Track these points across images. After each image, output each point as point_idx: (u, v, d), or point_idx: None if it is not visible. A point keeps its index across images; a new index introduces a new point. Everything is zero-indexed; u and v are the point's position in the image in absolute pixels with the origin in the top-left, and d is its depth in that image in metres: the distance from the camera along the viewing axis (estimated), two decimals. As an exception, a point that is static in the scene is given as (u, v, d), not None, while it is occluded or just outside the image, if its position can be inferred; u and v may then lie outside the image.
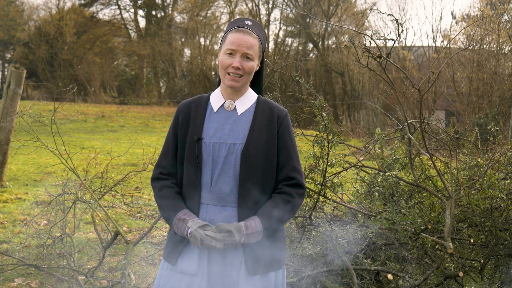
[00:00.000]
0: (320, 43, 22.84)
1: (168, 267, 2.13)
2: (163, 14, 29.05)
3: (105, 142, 11.26)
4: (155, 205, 6.16)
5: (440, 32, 20.37)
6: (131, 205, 4.72)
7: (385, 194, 3.77)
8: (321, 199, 3.58)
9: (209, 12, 27.72)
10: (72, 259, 3.94)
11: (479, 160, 3.87)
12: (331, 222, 3.43)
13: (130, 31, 30.55)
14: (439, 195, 3.49)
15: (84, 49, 28.14)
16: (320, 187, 3.43)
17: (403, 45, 17.71)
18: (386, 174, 3.67)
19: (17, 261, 3.89)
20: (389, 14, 3.54)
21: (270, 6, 25.18)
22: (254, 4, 25.15)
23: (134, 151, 9.07)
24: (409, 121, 3.56)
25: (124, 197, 4.31)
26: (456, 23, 15.93)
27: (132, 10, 30.32)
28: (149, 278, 4.08)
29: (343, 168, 3.68)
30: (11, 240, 4.84)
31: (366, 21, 22.22)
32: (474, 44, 11.78)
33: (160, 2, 29.04)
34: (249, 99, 2.16)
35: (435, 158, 3.83)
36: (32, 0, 38.92)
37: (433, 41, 16.99)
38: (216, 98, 2.17)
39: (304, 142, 3.75)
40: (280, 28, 25.91)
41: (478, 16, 13.42)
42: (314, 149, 3.49)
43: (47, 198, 5.28)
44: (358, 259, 3.39)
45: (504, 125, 9.70)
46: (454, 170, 3.85)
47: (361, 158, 3.89)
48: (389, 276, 3.24)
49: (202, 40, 26.71)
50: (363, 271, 3.39)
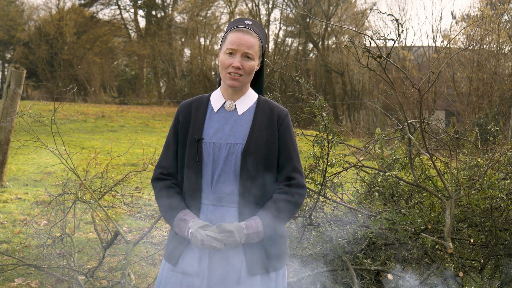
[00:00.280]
0: (320, 43, 22.84)
1: (169, 268, 2.12)
2: (163, 14, 29.05)
3: (105, 142, 11.26)
4: (155, 205, 6.15)
5: (440, 32, 20.37)
6: (131, 205, 4.72)
7: (385, 194, 3.77)
8: (321, 199, 3.58)
9: (209, 12, 27.73)
10: (72, 259, 3.94)
11: (479, 160, 3.87)
12: (331, 222, 3.43)
13: (130, 31, 30.55)
14: (439, 195, 3.49)
15: (84, 49, 28.14)
16: (320, 187, 3.43)
17: (403, 45, 17.71)
18: (386, 174, 3.67)
19: (17, 261, 3.89)
20: (389, 14, 3.54)
21: (270, 6, 25.19)
22: (254, 4, 25.15)
23: (134, 151, 9.06)
24: (409, 121, 3.56)
25: (124, 197, 4.31)
26: (456, 23, 15.93)
27: (132, 10, 30.33)
28: (149, 278, 4.08)
29: (343, 168, 3.68)
30: (11, 240, 4.84)
31: (366, 21, 22.23)
32: (474, 44, 11.78)
33: (160, 2, 29.04)
34: (249, 99, 2.16)
35: (435, 158, 3.83)
36: (32, 0, 38.92)
37: (433, 41, 17.00)
38: (216, 98, 2.17)
39: (304, 142, 3.75)
40: (280, 28, 25.92)
41: (478, 16, 13.42)
42: (314, 149, 3.49)
43: (47, 198, 5.28)
44: (358, 259, 3.39)
45: (504, 125, 9.71)
46: (454, 170, 3.85)
47: (361, 158, 3.89)
48: (389, 276, 3.24)
49: (202, 40, 26.73)
50: (363, 271, 3.39)
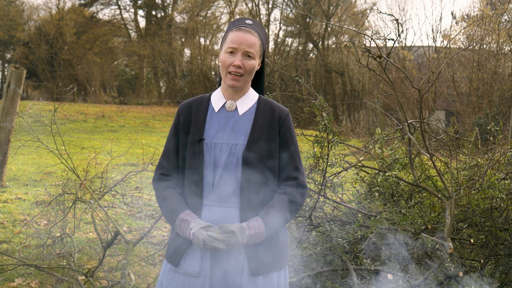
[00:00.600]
0: (320, 43, 22.84)
1: (170, 268, 2.12)
2: (163, 14, 29.05)
3: (105, 142, 11.25)
4: (155, 205, 6.15)
5: (440, 32, 20.38)
6: (131, 205, 4.72)
7: (385, 194, 3.77)
8: (321, 199, 3.58)
9: (209, 12, 27.74)
10: (72, 259, 3.94)
11: (479, 160, 3.87)
12: (331, 222, 3.43)
13: (130, 31, 30.56)
14: (439, 195, 3.49)
15: (84, 49, 28.14)
16: (320, 187, 3.43)
17: (403, 45, 17.71)
18: (386, 174, 3.67)
19: (17, 261, 3.89)
20: (389, 14, 3.54)
21: (270, 6, 25.19)
22: (254, 4, 25.16)
23: (134, 151, 9.06)
24: (409, 121, 3.56)
25: (124, 197, 4.31)
26: (456, 23, 15.94)
27: (132, 10, 30.34)
28: (149, 278, 4.08)
29: (343, 168, 3.68)
30: (11, 240, 4.83)
31: (366, 21, 22.23)
32: (474, 44, 11.78)
33: (160, 2, 29.04)
34: (250, 99, 2.16)
35: (435, 158, 3.83)
36: (32, 0, 38.94)
37: (433, 41, 17.01)
38: (217, 98, 2.16)
39: (304, 142, 3.75)
40: (280, 28, 25.92)
41: (478, 16, 13.42)
42: (314, 149, 3.49)
43: (47, 198, 5.27)
44: (358, 259, 3.39)
45: (504, 125, 9.70)
46: (454, 170, 3.85)
47: (361, 158, 3.89)
48: (389, 276, 3.24)
49: (202, 40, 26.73)
50: (363, 271, 3.39)
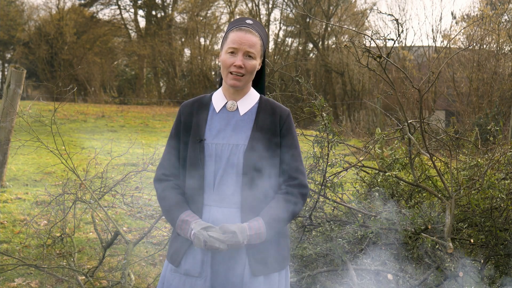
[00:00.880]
0: (320, 43, 22.85)
1: (171, 269, 2.12)
2: (163, 14, 29.05)
3: (105, 142, 11.24)
4: (155, 205, 6.15)
5: (440, 32, 20.38)
6: (131, 205, 4.72)
7: (385, 194, 3.77)
8: (321, 199, 3.58)
9: (209, 12, 27.74)
10: (72, 259, 3.94)
11: (479, 160, 3.87)
12: (331, 222, 3.43)
13: (130, 31, 30.56)
14: (439, 195, 3.49)
15: (84, 49, 28.14)
16: (320, 187, 3.43)
17: (403, 45, 17.72)
18: (386, 174, 3.67)
19: (17, 261, 3.89)
20: (389, 14, 3.54)
21: (270, 6, 25.20)
22: (254, 4, 25.16)
23: (134, 151, 9.05)
24: (409, 121, 3.56)
25: (124, 197, 4.31)
26: (456, 23, 15.94)
27: (132, 10, 30.34)
28: (149, 278, 4.08)
29: (343, 168, 3.68)
30: (11, 240, 4.83)
31: (366, 21, 22.24)
32: (474, 44, 11.78)
33: (160, 2, 29.04)
34: (251, 99, 2.16)
35: (435, 158, 3.83)
36: (32, 0, 38.92)
37: (433, 41, 17.01)
38: (218, 99, 2.16)
39: (304, 142, 3.75)
40: (280, 28, 25.92)
41: (478, 16, 13.42)
42: (314, 149, 3.49)
43: (47, 198, 5.27)
44: (358, 259, 3.39)
45: (504, 125, 9.70)
46: (454, 170, 3.85)
47: (361, 158, 3.89)
48: (389, 276, 3.24)
49: (202, 40, 26.74)
50: (363, 271, 3.39)
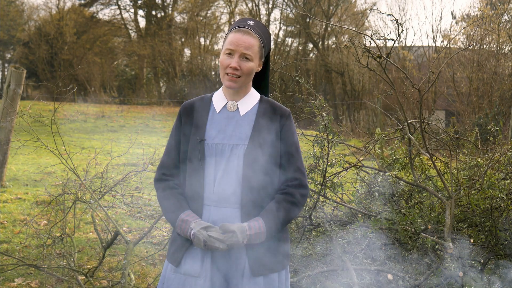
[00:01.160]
0: (320, 43, 22.85)
1: (171, 268, 2.12)
2: (163, 14, 29.05)
3: (105, 142, 11.25)
4: (155, 205, 6.16)
5: (440, 32, 20.39)
6: (131, 205, 4.72)
7: (385, 194, 3.77)
8: (321, 199, 3.58)
9: (209, 12, 27.75)
10: (72, 259, 3.94)
11: (479, 160, 3.87)
12: (331, 222, 3.43)
13: (130, 31, 30.56)
14: (439, 195, 3.49)
15: (84, 49, 28.15)
16: (320, 187, 3.43)
17: (403, 45, 17.72)
18: (386, 174, 3.67)
19: (17, 261, 3.89)
20: (389, 14, 3.54)
21: (270, 6, 25.21)
22: (254, 4, 25.17)
23: (134, 151, 9.05)
24: (409, 121, 3.56)
25: (124, 197, 4.31)
26: (456, 23, 15.94)
27: (132, 10, 30.35)
28: (149, 278, 4.08)
29: (343, 168, 3.68)
30: (11, 240, 4.84)
31: (366, 21, 22.25)
32: (474, 44, 11.79)
33: (160, 2, 29.05)
34: (251, 99, 2.15)
35: (435, 158, 3.83)
36: (32, 0, 38.95)
37: (433, 41, 17.02)
38: (218, 99, 2.17)
39: (304, 142, 3.75)
40: (280, 28, 25.93)
41: (478, 16, 13.42)
42: (314, 149, 3.49)
43: (47, 198, 5.28)
44: (358, 259, 3.39)
45: (504, 125, 9.70)
46: (454, 170, 3.85)
47: (361, 158, 3.89)
48: (389, 276, 3.24)
49: (202, 40, 26.75)
50: (363, 271, 3.39)
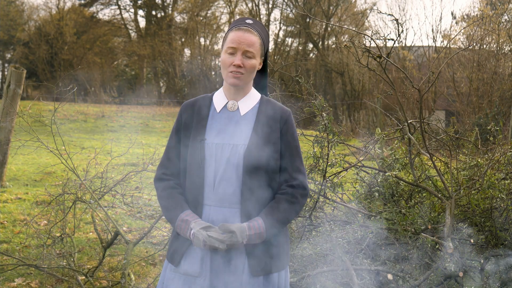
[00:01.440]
0: (320, 43, 22.86)
1: (171, 268, 2.13)
2: (163, 14, 29.05)
3: (105, 142, 11.25)
4: (155, 205, 6.16)
5: (440, 32, 20.39)
6: (131, 205, 4.72)
7: (385, 194, 3.77)
8: (321, 199, 3.58)
9: (209, 12, 27.76)
10: (72, 259, 3.94)
11: (479, 160, 3.87)
12: (331, 222, 3.43)
13: (130, 31, 30.57)
14: (439, 195, 3.49)
15: (84, 49, 28.15)
16: (320, 187, 3.43)
17: (403, 45, 17.73)
18: (386, 174, 3.67)
19: (17, 261, 3.89)
20: (389, 14, 3.54)
21: (270, 6, 25.22)
22: (254, 4, 25.18)
23: (134, 151, 9.05)
24: (409, 121, 3.56)
25: (124, 197, 4.31)
26: (456, 23, 15.95)
27: (132, 10, 30.35)
28: (149, 278, 4.08)
29: (343, 168, 3.68)
30: (11, 240, 4.84)
31: (366, 21, 22.26)
32: (474, 44, 11.79)
33: (160, 2, 29.05)
34: (252, 99, 2.15)
35: (435, 158, 3.84)
36: (32, 0, 38.94)
37: (433, 41, 17.04)
38: (219, 98, 2.16)
39: (304, 142, 3.75)
40: (280, 28, 25.93)
41: (478, 16, 13.43)
42: (314, 149, 3.49)
43: (47, 198, 5.28)
44: (358, 259, 3.39)
45: (504, 125, 9.70)
46: (454, 170, 3.86)
47: (361, 158, 3.89)
48: (389, 276, 3.24)
49: (202, 40, 26.75)
50: (363, 271, 3.39)
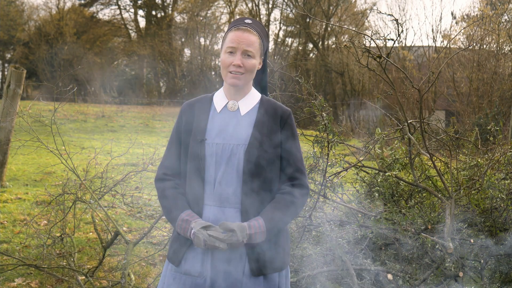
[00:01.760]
0: (320, 43, 22.86)
1: (172, 268, 2.13)
2: (163, 14, 29.06)
3: (105, 142, 11.25)
4: (155, 205, 6.16)
5: (440, 32, 20.38)
6: (131, 205, 4.72)
7: (385, 194, 3.77)
8: (321, 199, 3.58)
9: (209, 12, 27.77)
10: (72, 259, 3.94)
11: (479, 160, 3.87)
12: (331, 222, 3.43)
13: (130, 31, 30.59)
14: (439, 195, 3.49)
15: (84, 49, 28.16)
16: (320, 187, 3.43)
17: (403, 45, 17.73)
18: (386, 174, 3.67)
19: (17, 261, 3.89)
20: (389, 14, 3.54)
21: (270, 6, 25.22)
22: (254, 4, 25.18)
23: (134, 151, 9.05)
24: (409, 121, 3.56)
25: (124, 197, 4.31)
26: (456, 23, 15.95)
27: (132, 10, 30.37)
28: (149, 278, 4.08)
29: (343, 168, 3.68)
30: (11, 240, 4.84)
31: (366, 21, 22.26)
32: (474, 44, 11.79)
33: (160, 2, 29.06)
34: (252, 99, 2.15)
35: (435, 158, 3.84)
36: (32, 0, 38.98)
37: (433, 41, 17.04)
38: (219, 98, 2.16)
39: (304, 142, 3.75)
40: (280, 28, 25.93)
41: (478, 16, 13.43)
42: (314, 149, 3.49)
43: (47, 198, 5.28)
44: (358, 259, 3.39)
45: (504, 125, 9.70)
46: (454, 170, 3.86)
47: (361, 158, 3.89)
48: (389, 276, 3.24)
49: (202, 40, 26.75)
50: (363, 271, 3.39)
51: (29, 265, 3.83)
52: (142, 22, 31.44)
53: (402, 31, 17.03)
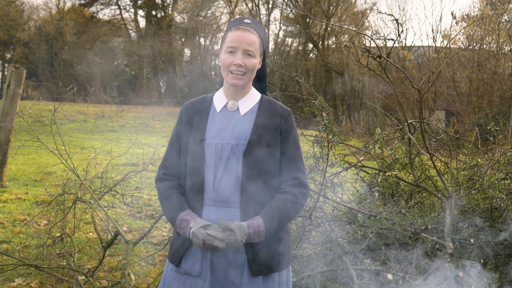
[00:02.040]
0: (320, 43, 22.86)
1: (172, 268, 2.13)
2: (163, 14, 29.07)
3: (105, 142, 11.24)
4: (155, 205, 6.16)
5: (440, 32, 20.38)
6: (131, 205, 4.72)
7: (385, 194, 3.77)
8: (321, 199, 3.58)
9: (209, 12, 27.77)
10: (72, 259, 3.94)
11: (479, 160, 3.87)
12: (331, 222, 3.43)
13: (130, 31, 30.59)
14: (439, 195, 3.49)
15: (84, 49, 28.17)
16: (320, 187, 3.43)
17: (403, 45, 17.73)
18: (386, 174, 3.67)
19: (17, 261, 3.89)
20: (389, 14, 3.54)
21: (270, 6, 25.22)
22: (254, 4, 25.18)
23: (134, 151, 9.05)
24: (409, 121, 3.56)
25: (124, 197, 4.31)
26: (456, 23, 15.95)
27: (132, 10, 30.37)
28: (149, 278, 4.08)
29: (343, 168, 3.68)
30: (11, 240, 4.83)
31: (366, 21, 22.26)
32: (474, 44, 11.79)
33: (160, 2, 29.06)
34: (252, 99, 2.15)
35: (435, 158, 3.84)
36: (32, 0, 39.00)
37: (433, 41, 17.04)
38: (219, 98, 2.16)
39: (304, 142, 3.75)
40: (280, 28, 25.94)
41: (478, 16, 13.43)
42: (314, 149, 3.49)
43: (47, 198, 5.28)
44: (358, 259, 3.39)
45: (504, 125, 9.71)
46: (454, 170, 3.86)
47: (361, 158, 3.89)
48: (389, 276, 3.24)
49: (202, 40, 26.75)
50: (363, 271, 3.39)
51: (29, 265, 3.83)
52: (142, 22, 31.48)
53: (402, 31, 17.04)
